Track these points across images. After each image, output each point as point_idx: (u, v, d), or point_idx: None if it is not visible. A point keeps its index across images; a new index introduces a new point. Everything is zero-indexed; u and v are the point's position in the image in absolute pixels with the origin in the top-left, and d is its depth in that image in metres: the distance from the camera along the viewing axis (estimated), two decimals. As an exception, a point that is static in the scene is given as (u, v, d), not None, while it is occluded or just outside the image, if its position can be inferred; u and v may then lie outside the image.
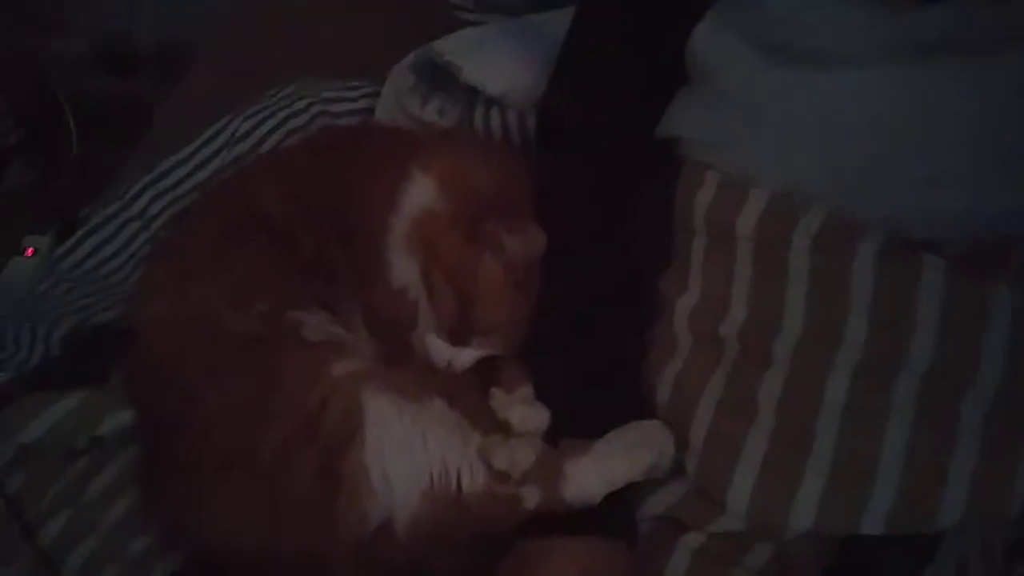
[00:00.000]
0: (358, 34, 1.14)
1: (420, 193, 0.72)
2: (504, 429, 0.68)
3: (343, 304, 0.71)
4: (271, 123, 0.95)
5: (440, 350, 0.71)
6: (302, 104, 0.95)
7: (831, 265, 0.59)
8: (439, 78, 0.87)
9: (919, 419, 0.56)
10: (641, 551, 0.63)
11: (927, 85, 0.57)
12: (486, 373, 0.73)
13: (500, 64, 0.84)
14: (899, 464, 0.56)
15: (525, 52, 0.85)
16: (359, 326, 0.72)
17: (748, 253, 0.63)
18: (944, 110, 0.57)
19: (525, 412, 0.67)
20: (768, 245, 0.62)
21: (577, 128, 0.74)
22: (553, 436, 0.67)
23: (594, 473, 0.62)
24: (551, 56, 0.80)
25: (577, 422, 0.66)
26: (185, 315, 0.70)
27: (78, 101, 1.57)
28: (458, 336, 0.71)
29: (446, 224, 0.70)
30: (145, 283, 0.79)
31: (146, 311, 0.74)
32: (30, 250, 1.24)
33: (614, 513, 0.63)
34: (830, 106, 0.60)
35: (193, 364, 0.68)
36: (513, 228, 0.68)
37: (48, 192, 1.54)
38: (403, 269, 0.71)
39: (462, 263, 0.69)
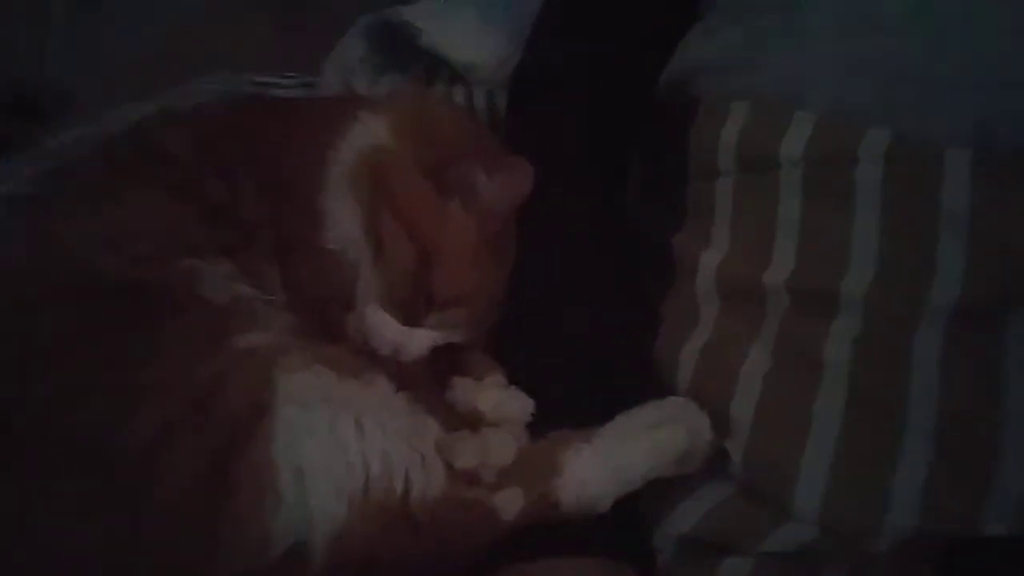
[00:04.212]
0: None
1: (369, 132, 0.57)
2: (471, 425, 0.50)
3: (258, 263, 0.54)
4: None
5: (386, 329, 0.53)
6: (233, 84, 0.81)
7: (913, 180, 0.46)
8: (394, 48, 0.74)
9: None
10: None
11: None
12: (442, 369, 0.56)
13: (467, 30, 0.72)
14: None
15: (495, 21, 0.73)
16: (276, 292, 0.54)
17: (797, 181, 0.49)
18: None
19: (501, 395, 0.50)
20: (825, 167, 0.48)
21: (564, 81, 0.62)
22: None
23: (600, 467, 0.45)
24: (523, 29, 0.68)
25: (566, 419, 0.49)
26: (42, 259, 0.51)
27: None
28: (411, 309, 0.54)
29: (403, 161, 0.55)
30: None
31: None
32: None
33: (623, 533, 0.45)
34: None
35: (42, 323, 0.49)
36: (492, 167, 0.54)
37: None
38: (342, 221, 0.55)
39: (422, 210, 0.54)
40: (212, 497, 0.44)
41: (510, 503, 0.45)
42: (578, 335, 0.53)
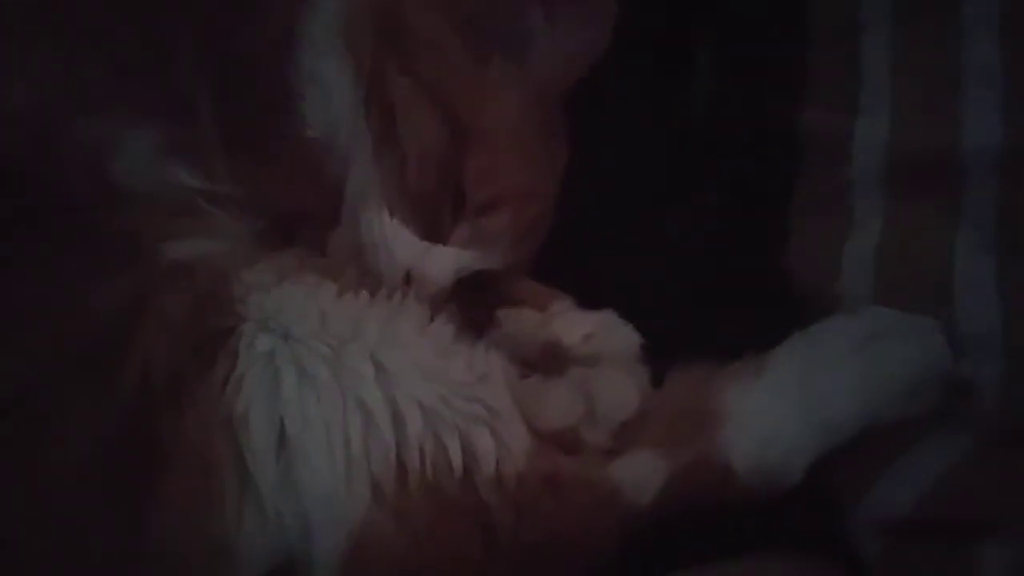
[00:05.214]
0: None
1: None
2: (546, 371, 0.32)
3: (199, 141, 0.36)
4: None
5: (397, 243, 0.36)
6: None
7: None
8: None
9: None
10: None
11: None
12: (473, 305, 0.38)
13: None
14: None
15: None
16: (227, 184, 0.36)
17: (991, 18, 0.35)
18: None
19: (593, 321, 0.32)
20: None
21: None
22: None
23: (790, 408, 0.28)
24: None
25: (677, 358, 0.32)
26: None
27: None
28: (433, 215, 0.36)
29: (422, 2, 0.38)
30: None
31: None
32: None
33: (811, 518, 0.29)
34: None
35: None
36: (554, 8, 0.37)
37: None
38: (329, 89, 0.37)
39: (452, 67, 0.37)
40: (121, 487, 0.26)
41: (644, 475, 0.27)
42: (678, 248, 0.37)
